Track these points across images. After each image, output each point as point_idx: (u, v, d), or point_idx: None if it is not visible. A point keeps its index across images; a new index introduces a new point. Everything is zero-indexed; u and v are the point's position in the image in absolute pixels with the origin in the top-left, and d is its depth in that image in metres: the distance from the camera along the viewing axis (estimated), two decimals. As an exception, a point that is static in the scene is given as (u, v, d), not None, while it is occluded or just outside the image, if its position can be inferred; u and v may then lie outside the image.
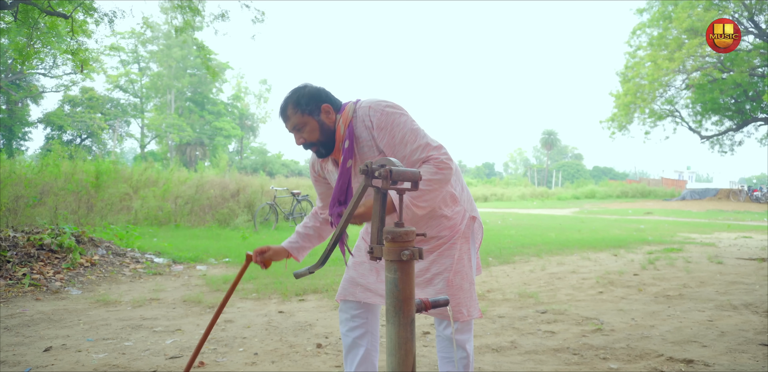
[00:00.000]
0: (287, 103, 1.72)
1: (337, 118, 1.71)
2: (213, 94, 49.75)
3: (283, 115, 1.74)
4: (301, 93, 1.72)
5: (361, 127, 1.67)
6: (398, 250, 1.10)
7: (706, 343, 2.95)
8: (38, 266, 4.51)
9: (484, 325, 3.47)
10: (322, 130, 1.70)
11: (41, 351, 2.95)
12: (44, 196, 8.82)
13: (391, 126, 1.63)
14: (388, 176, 1.11)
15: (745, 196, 25.62)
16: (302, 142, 1.72)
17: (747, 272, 5.06)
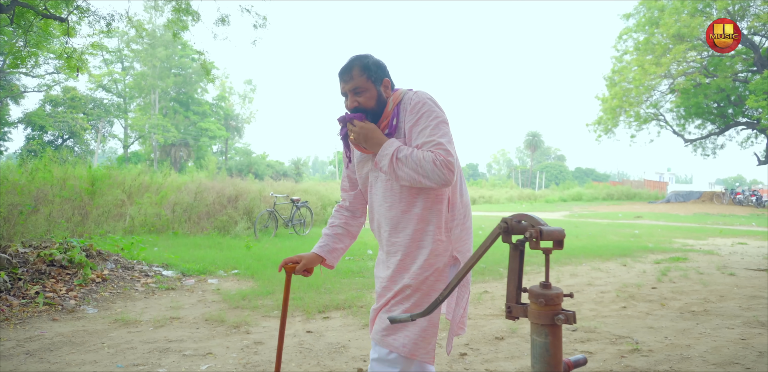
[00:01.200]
0: (355, 65, 1.72)
1: (390, 96, 1.75)
2: (198, 94, 49.15)
3: (346, 74, 1.72)
4: (371, 60, 1.74)
5: (403, 110, 1.71)
6: (551, 314, 1.05)
7: (749, 366, 2.96)
8: (50, 283, 4.37)
9: (518, 345, 3.44)
10: (378, 100, 1.72)
11: (72, 380, 2.84)
12: (38, 203, 8.59)
13: (422, 114, 1.65)
14: (539, 237, 1.07)
15: (728, 199, 26.13)
16: (355, 106, 1.72)
17: (762, 285, 5.13)
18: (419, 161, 1.56)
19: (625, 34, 28.95)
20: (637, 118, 28.57)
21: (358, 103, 1.71)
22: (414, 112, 1.66)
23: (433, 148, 1.59)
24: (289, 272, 1.81)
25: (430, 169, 1.55)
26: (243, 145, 63.06)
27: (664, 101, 28.72)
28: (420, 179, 1.57)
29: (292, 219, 10.08)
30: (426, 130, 1.63)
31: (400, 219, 1.70)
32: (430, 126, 1.63)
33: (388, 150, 1.62)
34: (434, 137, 1.61)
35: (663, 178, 61.83)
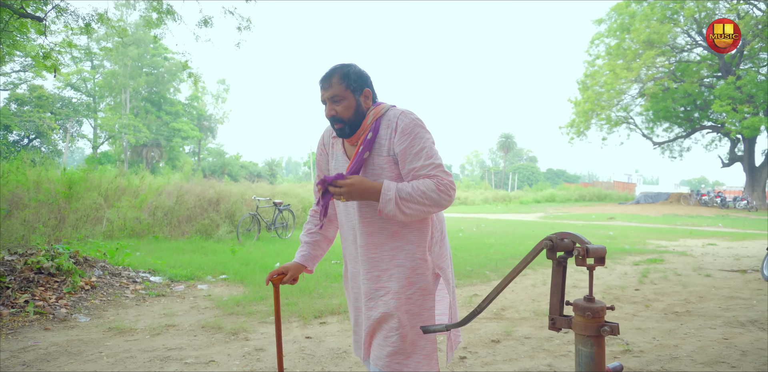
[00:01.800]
0: (335, 73, 1.71)
1: (370, 107, 1.73)
2: (170, 94, 48.27)
3: (326, 82, 1.71)
4: (352, 69, 1.73)
5: (385, 126, 1.69)
6: (596, 326, 1.13)
7: (734, 364, 3.12)
8: (39, 292, 4.28)
9: (515, 347, 3.54)
10: (357, 111, 1.71)
11: (76, 390, 2.81)
12: (12, 207, 8.36)
13: (414, 136, 1.64)
14: (585, 255, 1.14)
15: (694, 200, 27.00)
16: (333, 115, 1.70)
17: (738, 286, 5.37)
18: (423, 193, 1.57)
19: (597, 39, 29.68)
20: (608, 121, 29.32)
21: (335, 112, 1.70)
22: (406, 133, 1.64)
23: (432, 172, 1.61)
24: (277, 284, 1.83)
25: (436, 198, 1.57)
26: (216, 146, 62.20)
27: (634, 105, 29.56)
28: (428, 210, 1.58)
29: (275, 222, 10.04)
30: (422, 153, 1.63)
31: (378, 235, 1.69)
32: (425, 148, 1.63)
33: (389, 194, 1.58)
34: (432, 160, 1.63)
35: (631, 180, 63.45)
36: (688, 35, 27.29)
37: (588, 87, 28.61)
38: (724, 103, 23.80)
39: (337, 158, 1.82)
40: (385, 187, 1.60)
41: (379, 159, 1.68)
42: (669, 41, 26.13)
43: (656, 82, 26.28)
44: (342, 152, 1.80)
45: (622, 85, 27.09)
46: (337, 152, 1.83)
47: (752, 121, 23.34)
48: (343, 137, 1.74)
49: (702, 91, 27.38)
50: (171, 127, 45.95)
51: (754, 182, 26.47)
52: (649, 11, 25.58)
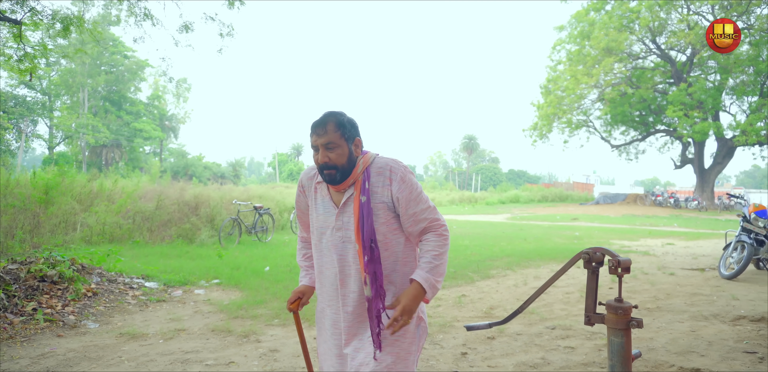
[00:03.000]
0: (330, 120, 1.76)
1: (359, 156, 1.82)
2: (131, 93, 47.05)
3: (320, 128, 1.75)
4: (345, 118, 1.80)
5: (377, 174, 1.78)
6: (625, 321, 1.45)
7: (703, 353, 3.54)
8: (45, 299, 4.36)
9: (509, 343, 3.88)
10: (349, 158, 1.77)
11: (110, 393, 2.97)
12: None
13: (411, 184, 1.77)
14: (617, 265, 1.45)
15: (649, 200, 28.35)
16: (326, 162, 1.74)
17: (699, 283, 5.90)
18: (440, 255, 1.77)
19: (559, 45, 30.76)
20: (569, 125, 30.43)
21: (328, 159, 1.74)
22: (405, 182, 1.76)
23: (429, 215, 1.79)
24: (297, 311, 1.97)
25: (446, 249, 1.80)
26: (177, 146, 60.96)
27: (593, 109, 30.79)
28: (446, 261, 1.81)
29: (255, 226, 10.15)
30: (419, 198, 1.78)
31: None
32: (420, 193, 1.78)
33: (429, 283, 1.72)
34: (427, 203, 1.80)
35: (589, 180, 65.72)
36: (643, 43, 28.65)
37: (550, 91, 29.63)
38: (677, 108, 25.12)
39: (321, 204, 1.86)
40: (423, 282, 1.72)
41: (375, 205, 1.77)
42: (626, 49, 27.37)
43: (614, 87, 27.48)
44: (328, 198, 1.85)
45: (583, 90, 28.19)
46: (320, 198, 1.87)
47: (702, 125, 24.73)
48: (332, 184, 1.78)
49: (656, 97, 28.79)
50: (132, 127, 44.83)
51: (704, 183, 28.02)
52: (608, 20, 26.73)
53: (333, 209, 1.82)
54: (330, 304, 1.87)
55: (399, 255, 1.83)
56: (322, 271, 1.88)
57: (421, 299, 1.73)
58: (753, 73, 24.94)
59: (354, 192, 1.78)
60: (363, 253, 1.74)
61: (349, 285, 1.80)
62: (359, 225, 1.75)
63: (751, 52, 24.30)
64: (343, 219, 1.80)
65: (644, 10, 25.95)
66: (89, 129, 40.46)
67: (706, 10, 26.15)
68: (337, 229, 1.81)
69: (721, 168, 28.21)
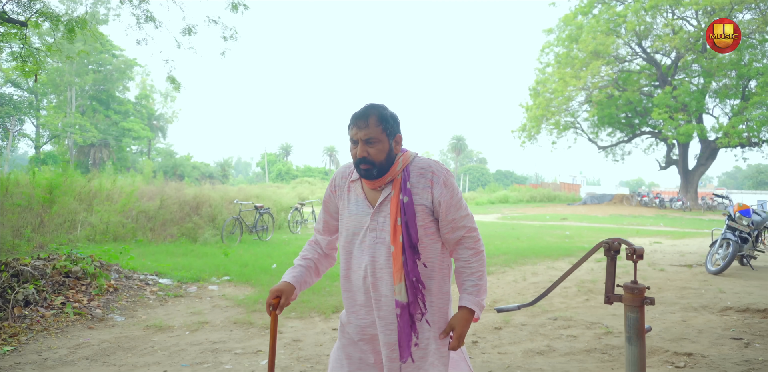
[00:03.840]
0: (372, 113, 1.70)
1: (399, 153, 1.77)
2: (120, 92, 46.74)
3: (362, 121, 1.69)
4: (389, 112, 1.74)
5: (417, 174, 1.73)
6: (640, 299, 1.72)
7: (694, 340, 3.85)
8: (71, 294, 4.55)
9: (515, 333, 4.16)
10: (388, 155, 1.71)
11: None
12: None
13: (453, 189, 1.74)
14: (634, 253, 1.73)
15: (635, 201, 28.94)
16: (364, 156, 1.69)
17: (687, 278, 6.24)
18: (483, 275, 1.78)
19: (547, 48, 31.25)
20: (557, 126, 30.93)
21: (367, 154, 1.68)
22: (448, 186, 1.74)
23: (469, 233, 1.77)
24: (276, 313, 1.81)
25: (485, 266, 1.81)
26: (165, 146, 60.63)
27: (580, 111, 31.33)
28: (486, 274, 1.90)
29: (256, 225, 10.35)
30: (460, 204, 1.76)
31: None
32: (461, 199, 1.77)
33: (478, 307, 1.75)
34: (466, 211, 1.78)
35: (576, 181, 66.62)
36: (629, 46, 29.25)
37: (539, 93, 30.09)
38: (662, 110, 25.70)
39: (354, 203, 1.81)
40: (474, 305, 1.74)
41: (416, 207, 1.72)
42: (613, 52, 27.93)
43: (601, 90, 28.02)
44: (362, 197, 1.79)
45: (571, 93, 28.68)
46: (353, 196, 1.81)
47: (686, 128, 25.34)
48: (368, 179, 1.73)
49: (642, 99, 29.39)
50: (121, 127, 44.55)
51: (688, 184, 28.68)
52: (595, 23, 27.26)
53: (368, 209, 1.77)
54: (357, 310, 1.80)
55: (435, 261, 1.77)
56: (350, 275, 1.81)
57: (470, 322, 1.74)
58: (735, 77, 25.61)
59: (392, 191, 1.72)
60: (401, 254, 1.67)
61: (381, 289, 1.73)
62: (395, 225, 1.68)
63: (733, 56, 24.95)
64: (379, 219, 1.74)
65: (631, 15, 26.50)
66: (77, 128, 40.14)
67: (690, 15, 26.82)
68: (371, 229, 1.74)
69: (705, 169, 28.89)
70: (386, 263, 1.71)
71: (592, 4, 29.18)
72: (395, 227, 1.69)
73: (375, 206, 1.75)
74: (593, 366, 3.38)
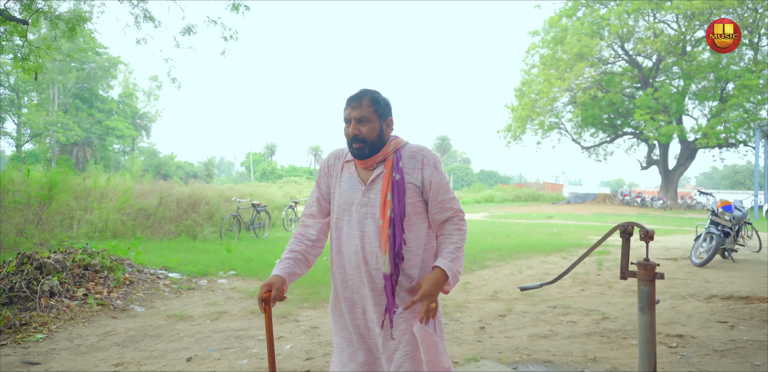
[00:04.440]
0: (366, 95, 1.82)
1: (390, 136, 1.89)
2: (103, 90, 46.21)
3: (356, 101, 1.80)
4: (381, 96, 1.86)
5: (409, 156, 1.85)
6: (652, 274, 1.99)
7: (684, 323, 4.16)
8: (91, 286, 4.71)
9: (519, 319, 4.43)
10: (379, 135, 1.83)
11: (185, 360, 3.40)
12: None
13: (442, 172, 1.86)
14: (647, 234, 1.99)
15: (618, 200, 29.61)
16: (356, 134, 1.79)
17: (674, 270, 6.59)
18: (461, 248, 1.84)
19: (532, 50, 31.78)
20: (541, 127, 31.47)
21: (359, 132, 1.79)
22: (438, 169, 1.85)
23: (454, 205, 1.87)
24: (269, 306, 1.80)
25: (464, 243, 1.87)
26: (148, 145, 60.07)
27: (565, 112, 31.93)
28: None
29: (253, 223, 10.50)
30: (447, 186, 1.87)
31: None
32: (447, 183, 1.87)
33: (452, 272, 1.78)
34: (452, 193, 1.88)
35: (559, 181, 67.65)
36: (612, 49, 29.90)
37: (524, 94, 30.60)
38: (644, 112, 26.35)
39: (346, 181, 1.88)
40: (447, 270, 1.77)
41: (406, 185, 1.81)
42: (596, 54, 28.54)
43: (585, 91, 28.60)
44: (355, 175, 1.87)
45: (555, 94, 29.23)
46: (345, 175, 1.90)
47: (667, 129, 26.03)
48: (359, 158, 1.82)
49: (624, 101, 30.07)
50: (104, 126, 44.07)
51: (668, 184, 29.43)
52: (579, 26, 27.83)
53: (359, 186, 1.85)
54: (350, 285, 1.86)
55: (422, 239, 1.85)
56: (341, 251, 1.87)
57: (442, 286, 1.77)
58: (713, 80, 26.36)
59: (384, 170, 1.82)
60: (387, 228, 1.75)
61: (371, 262, 1.80)
62: (384, 200, 1.77)
63: (712, 59, 25.71)
64: (370, 196, 1.82)
65: (614, 18, 27.12)
66: (60, 127, 39.61)
67: (671, 19, 27.54)
68: (362, 205, 1.82)
69: (684, 169, 29.67)
70: (376, 237, 1.79)
71: (577, 6, 29.79)
72: (384, 202, 1.77)
73: (366, 183, 1.84)
74: (594, 347, 3.67)
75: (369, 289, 1.81)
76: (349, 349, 1.88)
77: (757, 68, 24.59)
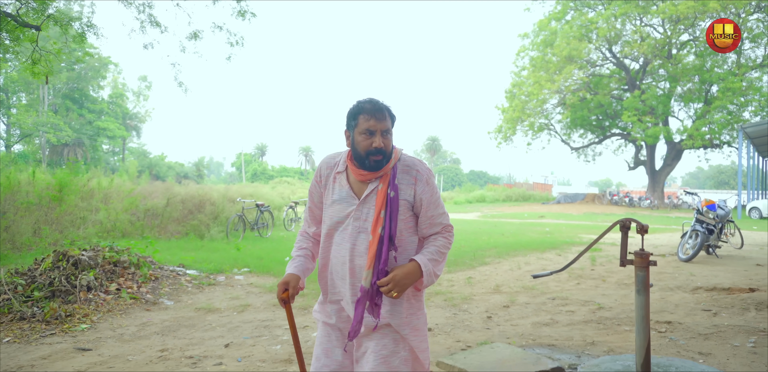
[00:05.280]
0: (384, 106, 1.82)
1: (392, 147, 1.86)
2: (93, 90, 46.06)
3: (381, 113, 1.79)
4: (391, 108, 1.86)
5: (403, 171, 1.85)
6: (647, 261, 2.38)
7: (672, 311, 4.58)
8: (122, 281, 5.01)
9: (522, 310, 4.82)
10: (392, 148, 1.85)
11: (223, 346, 3.73)
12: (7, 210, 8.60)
13: (434, 187, 1.87)
14: (641, 227, 2.38)
15: (606, 200, 30.24)
16: (381, 147, 1.77)
17: (663, 265, 7.04)
18: (444, 253, 1.86)
19: (522, 52, 32.32)
20: (531, 128, 32.03)
21: (384, 145, 1.77)
22: (430, 184, 1.86)
23: (444, 220, 1.90)
24: (289, 302, 1.85)
25: (448, 250, 1.90)
26: (137, 146, 59.89)
27: (554, 113, 32.52)
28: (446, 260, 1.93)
29: (257, 222, 10.81)
30: (438, 201, 1.88)
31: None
32: (438, 198, 1.89)
33: (427, 269, 1.79)
34: (443, 208, 1.90)
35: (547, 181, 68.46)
36: (600, 51, 30.53)
37: (515, 96, 31.13)
38: (631, 113, 26.99)
39: (338, 193, 1.87)
40: (422, 264, 1.79)
41: (400, 202, 1.81)
42: (585, 56, 29.14)
43: (574, 93, 29.19)
44: (347, 188, 1.85)
45: (545, 95, 29.79)
46: (338, 187, 1.88)
47: (654, 130, 26.68)
48: (377, 170, 1.79)
49: (612, 102, 30.72)
50: (95, 126, 43.94)
51: (655, 184, 30.11)
52: (569, 29, 28.41)
53: (353, 200, 1.84)
54: (337, 292, 1.88)
55: (411, 254, 1.86)
56: (330, 262, 1.88)
57: (414, 280, 1.77)
58: (698, 82, 27.06)
59: (381, 185, 1.81)
60: (376, 244, 1.75)
61: (358, 275, 1.81)
62: (378, 217, 1.77)
63: (697, 62, 26.42)
64: (363, 210, 1.82)
65: (602, 21, 27.72)
66: (50, 127, 39.46)
67: (657, 23, 28.22)
68: (355, 218, 1.82)
69: (671, 169, 30.36)
70: (365, 251, 1.80)
71: (566, 10, 30.38)
72: (378, 219, 1.78)
73: (361, 198, 1.83)
74: (592, 333, 4.06)
75: (352, 302, 1.81)
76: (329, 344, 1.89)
77: (740, 71, 25.31)
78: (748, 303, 4.78)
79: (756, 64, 25.90)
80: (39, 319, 4.08)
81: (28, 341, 3.76)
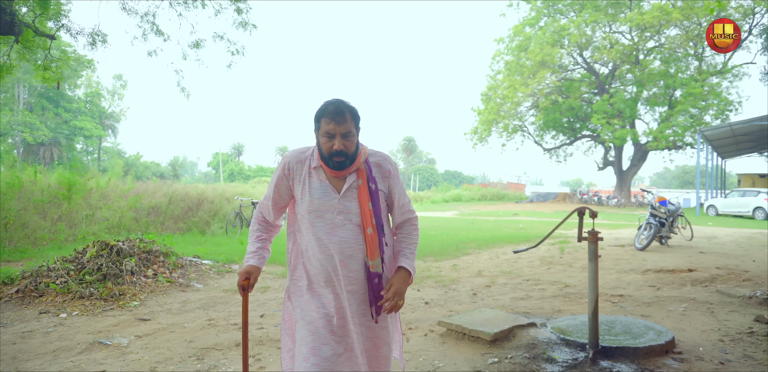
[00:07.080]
0: (346, 109, 1.86)
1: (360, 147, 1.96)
2: (69, 89, 45.68)
3: (340, 116, 1.83)
4: (355, 108, 1.91)
5: (376, 165, 1.99)
6: (596, 238, 3.27)
7: (624, 288, 5.54)
8: (156, 267, 5.74)
9: (501, 288, 5.71)
10: (356, 147, 1.92)
11: (258, 316, 4.52)
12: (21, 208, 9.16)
13: (400, 178, 2.04)
14: (593, 213, 3.28)
15: (577, 198, 31.65)
16: (341, 149, 1.84)
17: (621, 253, 8.06)
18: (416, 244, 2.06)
19: (498, 56, 33.52)
20: (506, 129, 33.26)
21: (344, 147, 1.83)
22: (396, 177, 2.02)
23: (410, 207, 2.09)
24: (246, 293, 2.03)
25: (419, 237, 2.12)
26: (111, 145, 59.40)
27: (528, 116, 33.82)
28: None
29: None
30: (403, 191, 2.06)
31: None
32: (403, 189, 2.06)
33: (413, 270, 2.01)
34: (408, 198, 2.08)
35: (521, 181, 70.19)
36: (572, 57, 31.92)
37: (490, 98, 32.30)
38: (600, 116, 28.39)
39: (317, 188, 1.92)
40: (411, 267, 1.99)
41: (378, 193, 1.97)
42: (557, 61, 30.47)
43: (547, 96, 30.49)
44: (327, 183, 1.92)
45: (520, 99, 31.03)
46: (315, 182, 1.93)
47: (621, 132, 28.13)
48: (339, 170, 1.88)
49: (582, 105, 32.15)
50: (72, 125, 43.64)
51: (622, 183, 31.65)
52: (542, 35, 29.69)
53: (333, 194, 1.91)
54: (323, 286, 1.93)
55: (388, 238, 2.02)
56: (313, 255, 1.92)
57: (408, 284, 1.97)
58: (663, 87, 28.62)
59: (360, 180, 1.92)
60: (377, 234, 1.89)
61: (350, 265, 1.88)
62: (366, 209, 1.90)
63: (662, 68, 27.96)
64: (345, 203, 1.90)
65: (573, 28, 29.07)
66: (26, 126, 39.11)
67: (625, 30, 29.70)
68: (338, 212, 1.89)
69: (637, 170, 31.94)
70: (355, 242, 1.88)
71: (539, 16, 31.67)
72: (367, 211, 1.89)
73: (341, 192, 1.91)
74: (559, 304, 4.97)
75: (345, 292, 1.89)
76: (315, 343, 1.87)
77: (701, 77, 26.91)
78: (686, 280, 5.79)
79: (716, 70, 27.53)
80: (97, 297, 4.79)
81: (93, 314, 4.48)
